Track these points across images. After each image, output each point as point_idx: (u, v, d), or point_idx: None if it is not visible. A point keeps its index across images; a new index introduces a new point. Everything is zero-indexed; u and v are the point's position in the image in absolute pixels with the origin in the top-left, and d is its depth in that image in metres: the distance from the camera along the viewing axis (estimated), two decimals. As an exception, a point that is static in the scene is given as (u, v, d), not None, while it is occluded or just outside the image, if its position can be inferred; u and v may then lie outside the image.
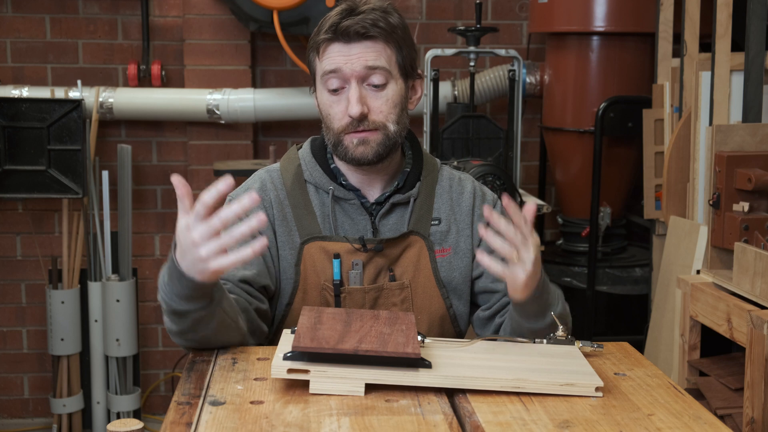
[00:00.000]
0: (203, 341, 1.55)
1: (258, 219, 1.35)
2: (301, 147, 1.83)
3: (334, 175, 1.77)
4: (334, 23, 1.66)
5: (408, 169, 1.79)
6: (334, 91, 1.68)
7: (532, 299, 1.60)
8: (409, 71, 1.73)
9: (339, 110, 1.68)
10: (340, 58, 1.66)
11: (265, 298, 1.71)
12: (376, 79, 1.67)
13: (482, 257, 1.50)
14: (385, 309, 1.75)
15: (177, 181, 1.38)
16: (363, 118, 1.66)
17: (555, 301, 1.66)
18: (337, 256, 1.72)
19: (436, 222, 1.79)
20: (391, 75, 1.68)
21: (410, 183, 1.78)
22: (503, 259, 1.53)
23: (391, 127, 1.69)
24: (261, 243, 1.36)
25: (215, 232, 1.38)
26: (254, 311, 1.66)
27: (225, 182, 1.36)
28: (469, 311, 1.84)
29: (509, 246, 1.50)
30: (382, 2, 1.71)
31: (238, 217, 1.37)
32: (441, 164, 1.86)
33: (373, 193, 1.77)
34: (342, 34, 1.65)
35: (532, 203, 1.52)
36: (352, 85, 1.66)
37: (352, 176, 1.76)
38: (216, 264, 1.39)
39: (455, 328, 1.82)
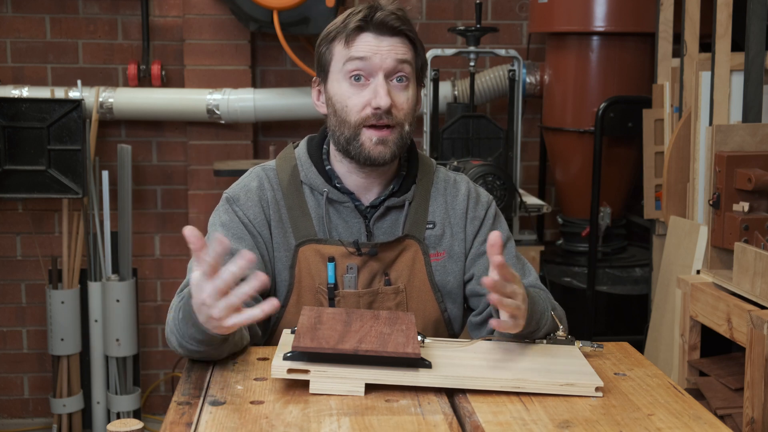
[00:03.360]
0: (206, 359, 1.56)
1: (258, 280, 1.32)
2: (297, 146, 1.82)
3: (329, 177, 1.75)
4: (366, 16, 1.65)
5: (404, 173, 1.78)
6: (356, 80, 1.66)
7: (523, 331, 1.58)
8: (420, 78, 1.73)
9: (359, 102, 1.65)
10: (370, 48, 1.65)
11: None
12: (402, 75, 1.66)
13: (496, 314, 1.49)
14: None
15: (190, 234, 1.34)
16: (388, 111, 1.64)
17: (544, 321, 1.64)
18: (331, 259, 1.71)
19: (431, 226, 1.77)
20: (413, 75, 1.69)
21: (405, 186, 1.77)
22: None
23: (407, 127, 1.69)
24: (271, 305, 1.34)
25: (222, 292, 1.35)
26: None
27: (221, 244, 1.32)
28: (463, 314, 1.83)
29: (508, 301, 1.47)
30: (400, 6, 1.71)
31: (239, 277, 1.34)
32: (437, 165, 1.85)
33: (369, 197, 1.76)
34: (376, 26, 1.65)
35: (496, 233, 1.44)
36: (379, 77, 1.65)
37: (350, 179, 1.74)
38: (229, 323, 1.38)
39: (450, 331, 1.81)
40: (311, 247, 1.72)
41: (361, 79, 1.65)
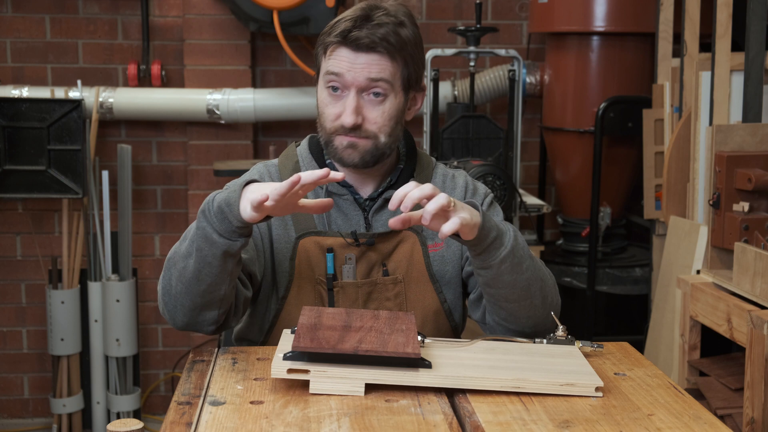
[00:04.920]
0: (195, 295, 1.58)
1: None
2: (299, 144, 1.86)
3: None
4: (345, 29, 1.65)
5: (402, 166, 1.81)
6: (334, 90, 1.69)
7: (480, 238, 1.57)
8: (412, 84, 1.73)
9: (333, 112, 1.69)
10: (345, 63, 1.66)
11: (249, 285, 1.72)
12: (376, 91, 1.67)
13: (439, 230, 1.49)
14: (378, 303, 1.76)
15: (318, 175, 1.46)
16: (356, 127, 1.67)
17: (504, 228, 1.63)
18: (330, 250, 1.74)
19: None
20: (392, 88, 1.69)
21: (403, 179, 1.79)
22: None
23: (383, 138, 1.70)
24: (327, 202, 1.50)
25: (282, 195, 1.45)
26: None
27: (337, 175, 1.48)
28: (463, 304, 1.84)
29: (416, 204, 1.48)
30: (399, 9, 1.70)
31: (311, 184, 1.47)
32: (436, 162, 1.88)
33: (367, 190, 1.79)
34: (351, 42, 1.65)
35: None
36: (350, 93, 1.67)
37: (346, 173, 1.77)
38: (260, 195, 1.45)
39: (450, 322, 1.82)
40: (311, 239, 1.74)
41: (338, 90, 1.68)
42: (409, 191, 1.47)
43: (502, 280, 1.62)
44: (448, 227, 1.46)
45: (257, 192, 1.47)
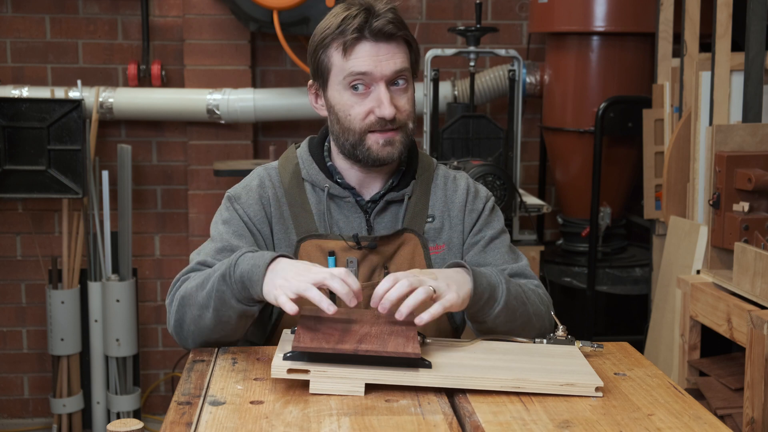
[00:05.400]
0: (209, 337, 1.62)
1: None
2: (299, 146, 1.85)
3: (330, 173, 1.78)
4: (361, 23, 1.65)
5: (403, 168, 1.81)
6: (357, 90, 1.68)
7: (473, 303, 1.59)
8: (416, 71, 1.76)
9: (362, 110, 1.69)
10: (369, 59, 1.66)
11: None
12: (401, 81, 1.69)
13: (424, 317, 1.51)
14: None
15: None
16: (392, 118, 1.68)
17: (497, 281, 1.63)
18: (332, 253, 1.73)
19: (431, 219, 1.80)
20: (410, 75, 1.72)
21: (405, 181, 1.79)
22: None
23: (411, 125, 1.73)
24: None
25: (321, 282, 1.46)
26: None
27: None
28: None
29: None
30: (391, 3, 1.72)
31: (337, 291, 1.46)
32: (437, 163, 1.87)
33: (370, 192, 1.79)
34: (373, 34, 1.66)
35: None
36: (380, 87, 1.67)
37: (351, 174, 1.77)
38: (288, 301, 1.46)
39: (451, 324, 1.82)
40: (312, 243, 1.74)
41: (361, 88, 1.68)
42: (387, 292, 1.48)
43: (497, 330, 1.65)
44: (425, 317, 1.48)
45: (287, 302, 1.46)
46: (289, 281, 1.47)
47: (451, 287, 1.53)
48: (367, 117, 1.68)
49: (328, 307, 1.42)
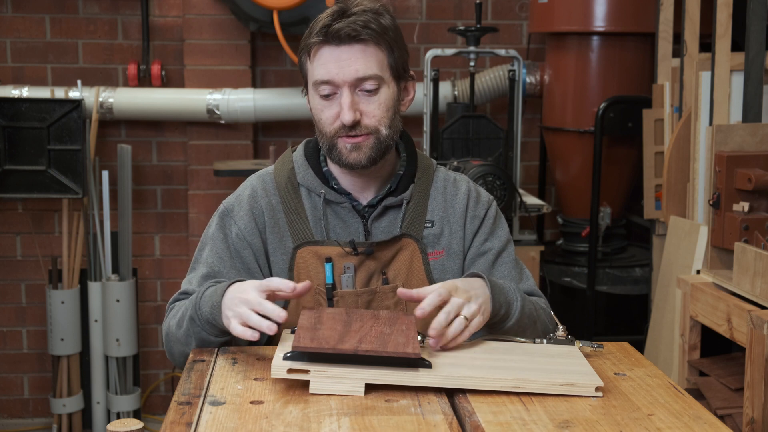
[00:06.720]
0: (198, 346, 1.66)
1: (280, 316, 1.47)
2: (295, 149, 1.83)
3: (326, 179, 1.76)
4: (324, 25, 1.64)
5: (401, 172, 1.78)
6: (325, 95, 1.67)
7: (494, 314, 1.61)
8: (401, 73, 1.71)
9: (330, 115, 1.68)
10: (331, 65, 1.64)
11: None
12: (368, 85, 1.65)
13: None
14: None
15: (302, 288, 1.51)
16: (356, 124, 1.65)
17: (513, 297, 1.66)
18: (329, 260, 1.71)
19: (429, 224, 1.77)
20: (383, 79, 1.67)
21: (403, 185, 1.77)
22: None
23: (384, 131, 1.68)
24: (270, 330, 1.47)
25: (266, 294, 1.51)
26: None
27: (304, 285, 1.51)
28: None
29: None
30: (374, 3, 1.69)
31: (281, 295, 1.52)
32: (437, 165, 1.84)
33: (366, 196, 1.76)
34: (333, 37, 1.63)
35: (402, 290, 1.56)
36: (344, 91, 1.65)
37: (345, 179, 1.75)
38: (238, 329, 1.51)
39: None
40: (308, 249, 1.72)
41: (329, 93, 1.67)
42: (441, 326, 1.51)
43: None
44: (460, 340, 1.54)
45: (244, 331, 1.50)
46: (234, 310, 1.52)
47: (483, 313, 1.57)
48: (335, 122, 1.67)
49: (268, 327, 1.46)
